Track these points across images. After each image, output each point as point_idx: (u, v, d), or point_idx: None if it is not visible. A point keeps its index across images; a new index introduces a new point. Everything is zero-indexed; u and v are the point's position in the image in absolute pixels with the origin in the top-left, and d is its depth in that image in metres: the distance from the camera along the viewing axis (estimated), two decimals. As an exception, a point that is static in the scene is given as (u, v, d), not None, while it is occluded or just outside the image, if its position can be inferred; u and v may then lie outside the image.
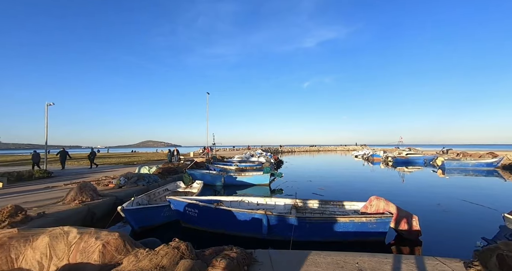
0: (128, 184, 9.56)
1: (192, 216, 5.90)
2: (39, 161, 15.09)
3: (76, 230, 3.14)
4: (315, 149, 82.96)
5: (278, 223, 5.09)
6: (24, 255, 2.75)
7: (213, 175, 13.42)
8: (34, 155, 14.99)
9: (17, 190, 9.07)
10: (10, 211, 4.72)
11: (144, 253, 3.09)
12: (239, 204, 6.80)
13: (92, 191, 7.39)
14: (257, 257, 3.28)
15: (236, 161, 22.70)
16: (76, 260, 2.84)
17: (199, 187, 9.64)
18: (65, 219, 5.61)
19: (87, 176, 12.73)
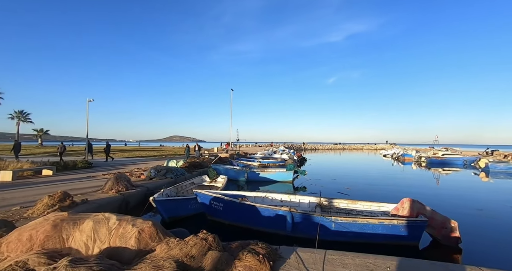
0: (158, 176, 10.12)
1: (217, 209, 6.08)
2: (63, 152, 17.07)
3: (115, 217, 3.41)
4: (339, 147, 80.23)
5: (302, 221, 5.04)
6: (73, 236, 3.06)
7: (236, 170, 13.65)
8: (61, 146, 17.11)
9: (64, 177, 10.10)
10: (60, 196, 5.29)
11: (175, 242, 3.26)
12: (262, 200, 6.84)
13: (126, 182, 7.95)
14: (282, 254, 3.29)
15: (259, 157, 22.84)
16: (116, 244, 3.09)
17: (224, 181, 9.88)
18: (104, 206, 6.12)
19: (121, 168, 13.73)
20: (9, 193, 7.02)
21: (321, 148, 75.14)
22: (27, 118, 42.49)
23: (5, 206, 5.56)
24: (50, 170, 10.81)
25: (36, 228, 3.02)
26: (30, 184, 8.57)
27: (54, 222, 3.11)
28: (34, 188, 7.98)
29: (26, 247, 2.90)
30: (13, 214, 4.92)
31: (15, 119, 41.46)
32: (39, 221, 3.18)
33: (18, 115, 41.56)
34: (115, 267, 2.68)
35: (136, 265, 2.79)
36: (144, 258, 2.94)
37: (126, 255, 3.03)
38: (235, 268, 2.80)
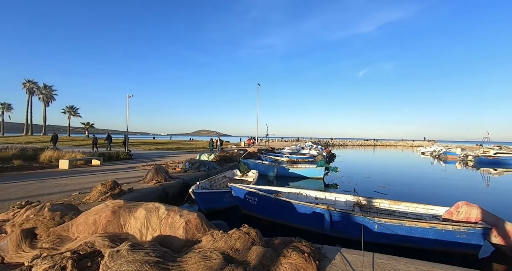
0: (192, 169, 10.57)
1: (251, 204, 6.15)
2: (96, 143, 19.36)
3: (164, 207, 3.61)
4: (370, 143, 76.05)
5: (341, 220, 4.87)
6: (129, 223, 3.32)
7: (266, 165, 13.70)
8: (94, 139, 19.63)
9: (110, 167, 11.07)
10: (110, 185, 5.79)
11: (219, 234, 3.36)
12: (297, 196, 6.76)
13: (164, 173, 8.43)
14: (326, 253, 3.20)
15: (287, 153, 22.63)
16: (166, 233, 3.28)
17: (255, 176, 9.97)
18: (147, 195, 6.58)
19: (157, 160, 14.63)
20: (68, 180, 7.89)
21: (350, 143, 71.95)
22: (76, 112, 47.47)
23: (67, 191, 6.27)
24: (98, 160, 11.93)
25: (98, 213, 3.33)
26: (83, 172, 9.55)
27: (113, 209, 3.40)
28: (86, 175, 8.88)
29: (91, 229, 3.22)
30: (74, 199, 5.52)
31: (66, 113, 46.56)
32: (101, 207, 3.50)
33: (69, 110, 46.60)
34: (168, 254, 2.84)
35: (186, 254, 2.92)
36: (192, 248, 3.08)
37: (175, 243, 3.20)
38: (280, 265, 2.79)
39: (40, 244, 3.16)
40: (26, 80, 44.31)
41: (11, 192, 6.04)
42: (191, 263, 2.79)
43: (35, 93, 45.10)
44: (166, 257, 2.80)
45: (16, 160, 10.31)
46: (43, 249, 3.07)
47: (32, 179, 7.78)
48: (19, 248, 3.07)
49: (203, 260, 2.83)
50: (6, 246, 3.07)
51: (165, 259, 2.79)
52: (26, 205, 4.04)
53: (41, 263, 2.72)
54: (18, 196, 5.69)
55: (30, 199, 4.91)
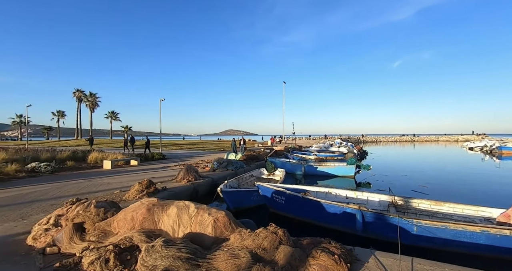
0: (220, 168, 10.86)
1: (279, 202, 6.11)
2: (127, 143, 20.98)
3: (193, 205, 3.76)
4: (407, 138, 70.44)
5: (375, 221, 4.58)
6: (162, 220, 3.52)
7: (293, 164, 13.51)
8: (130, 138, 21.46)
9: (146, 167, 11.91)
10: (146, 183, 6.22)
11: (247, 233, 3.38)
12: (325, 195, 6.54)
13: (195, 172, 8.79)
14: (358, 256, 3.04)
15: (315, 151, 22.05)
16: (196, 230, 3.41)
17: (282, 175, 9.89)
18: (179, 193, 6.92)
19: (188, 159, 15.32)
20: (110, 179, 8.68)
21: (384, 140, 67.44)
22: (116, 117, 52.21)
23: (110, 189, 6.90)
24: (136, 161, 12.91)
25: (135, 210, 3.59)
26: (123, 172, 10.42)
27: (148, 206, 3.64)
28: (126, 175, 9.66)
29: (130, 225, 3.49)
30: (115, 196, 6.04)
31: (108, 118, 51.37)
32: (137, 204, 3.77)
33: (111, 115, 51.38)
34: (198, 251, 2.95)
35: (215, 252, 3.01)
36: (221, 246, 3.15)
37: (205, 241, 3.31)
38: (309, 266, 2.72)
39: (88, 237, 3.52)
40: (76, 90, 49.77)
41: (66, 190, 6.83)
42: (220, 260, 2.86)
43: (83, 101, 50.47)
44: (196, 254, 2.92)
45: (69, 161, 11.65)
46: (90, 242, 3.40)
47: (81, 178, 8.72)
48: (71, 240, 3.45)
49: (231, 258, 2.88)
50: (61, 238, 3.47)
51: (196, 255, 2.90)
52: (76, 201, 4.52)
53: (89, 254, 3.01)
54: (70, 193, 6.41)
55: (80, 196, 5.50)
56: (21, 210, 4.94)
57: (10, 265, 2.89)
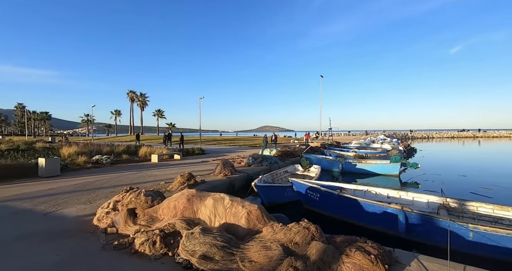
0: (255, 163, 11.09)
1: (313, 199, 6.01)
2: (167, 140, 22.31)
3: (228, 197, 3.96)
4: (467, 134, 61.36)
5: (420, 223, 4.19)
6: (200, 210, 3.80)
7: (329, 161, 13.03)
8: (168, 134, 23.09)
9: (187, 161, 12.83)
10: (187, 176, 6.73)
11: (279, 226, 3.44)
12: (364, 194, 6.20)
13: (231, 167, 9.15)
14: (398, 258, 2.84)
15: (354, 147, 20.84)
16: (231, 221, 3.60)
17: (317, 171, 9.65)
18: (216, 186, 7.31)
19: (225, 155, 15.99)
20: (157, 171, 9.62)
21: (438, 136, 59.89)
22: (162, 115, 57.27)
23: (156, 180, 7.66)
24: (178, 155, 14.00)
25: (177, 200, 3.95)
26: (167, 165, 11.42)
27: (188, 197, 3.97)
28: (170, 168, 10.57)
29: (172, 213, 3.86)
30: (161, 187, 6.70)
31: (155, 116, 56.65)
32: (178, 195, 4.14)
33: (157, 113, 56.53)
34: (232, 240, 3.12)
35: (248, 242, 3.14)
36: (254, 237, 3.27)
37: (239, 231, 3.47)
38: (342, 263, 2.66)
39: (139, 221, 4.00)
40: (129, 91, 55.92)
41: (121, 179, 7.82)
42: (252, 250, 2.98)
43: (135, 101, 56.47)
44: (230, 243, 3.09)
45: (124, 155, 13.24)
46: (141, 225, 3.87)
47: (134, 170, 9.85)
48: (126, 223, 3.97)
49: (263, 249, 2.98)
50: (118, 220, 4.02)
51: (230, 244, 3.08)
52: (129, 190, 5.16)
53: (140, 236, 3.43)
54: (125, 182, 7.32)
55: (133, 185, 6.23)
56: (89, 195, 5.85)
57: (82, 239, 3.48)
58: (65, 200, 5.38)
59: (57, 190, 6.32)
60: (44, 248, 3.16)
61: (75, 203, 5.17)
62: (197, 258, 2.79)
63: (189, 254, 2.90)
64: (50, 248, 3.16)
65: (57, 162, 8.71)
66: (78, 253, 3.05)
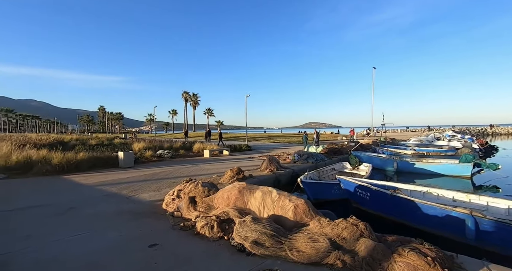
0: (301, 160, 11.08)
1: (363, 198, 5.79)
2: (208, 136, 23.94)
3: (275, 191, 4.20)
4: None
5: (494, 231, 3.67)
6: (250, 201, 4.14)
7: (382, 159, 12.07)
8: (207, 131, 24.99)
9: (235, 157, 13.62)
10: (236, 171, 7.25)
11: (326, 221, 3.52)
12: (423, 195, 5.65)
13: (276, 163, 9.39)
14: (463, 265, 2.62)
15: (413, 144, 18.70)
16: (278, 213, 3.83)
17: (367, 169, 9.11)
18: (263, 181, 7.65)
19: (270, 151, 16.33)
20: (209, 165, 10.54)
21: (531, 130, 48.34)
22: (212, 113, 61.63)
23: (209, 174, 8.46)
24: (227, 151, 14.96)
25: (230, 191, 4.37)
26: (217, 160, 12.37)
27: (238, 189, 4.36)
28: (220, 163, 11.43)
29: (226, 202, 4.31)
30: (213, 179, 7.38)
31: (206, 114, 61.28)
32: (230, 186, 4.57)
33: (207, 111, 61.06)
34: (281, 231, 3.35)
35: (296, 234, 3.32)
36: (301, 229, 3.43)
37: (286, 223, 3.68)
38: (394, 262, 2.61)
39: (198, 208, 4.58)
40: (183, 92, 61.64)
41: (180, 172, 8.89)
42: (300, 241, 3.15)
43: (188, 101, 62.02)
44: (279, 232, 3.32)
45: (181, 150, 14.85)
46: (200, 212, 4.43)
47: (189, 164, 11.00)
48: (188, 209, 4.60)
49: (310, 241, 3.12)
50: (182, 206, 4.68)
51: (279, 233, 3.31)
52: (189, 181, 5.89)
53: (200, 221, 3.95)
54: (184, 174, 8.30)
55: (190, 177, 7.05)
56: (157, 184, 6.88)
57: (155, 220, 4.21)
58: (140, 187, 6.47)
59: (133, 179, 7.61)
60: (131, 223, 3.96)
61: (147, 190, 6.17)
62: (250, 243, 3.10)
63: (242, 239, 3.24)
64: (135, 224, 3.94)
65: (131, 155, 10.39)
66: (154, 230, 3.72)
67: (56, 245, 3.16)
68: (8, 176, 7.83)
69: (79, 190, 6.29)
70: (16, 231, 3.58)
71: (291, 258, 2.90)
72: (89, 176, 8.08)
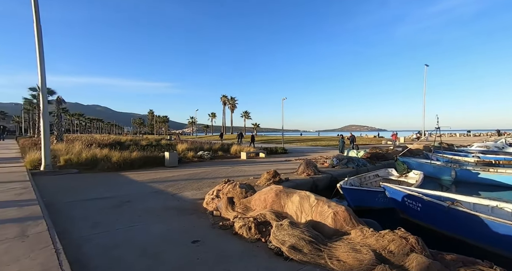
0: (340, 165, 10.56)
1: (413, 209, 5.24)
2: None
3: (313, 196, 4.09)
4: None
5: None
6: (287, 205, 4.11)
7: (437, 166, 10.76)
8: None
9: (271, 160, 13.66)
10: (272, 173, 7.27)
11: (369, 231, 3.29)
12: (490, 210, 4.86)
13: (314, 167, 9.12)
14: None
15: (476, 151, 16.22)
16: (317, 219, 3.72)
17: (418, 177, 8.23)
18: (299, 185, 7.50)
19: (307, 155, 15.93)
20: (246, 167, 10.79)
21: None
22: (248, 116, 63.27)
23: (246, 175, 8.66)
24: (263, 153, 15.10)
25: (267, 194, 4.41)
26: (254, 162, 12.56)
27: (275, 192, 4.37)
28: (256, 165, 11.59)
29: (263, 205, 4.35)
30: (250, 181, 7.52)
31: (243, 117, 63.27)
32: (267, 189, 4.61)
33: (244, 114, 62.85)
34: (319, 237, 3.25)
35: (336, 242, 3.18)
36: (342, 238, 3.27)
37: (325, 230, 3.55)
38: (453, 285, 2.30)
39: (236, 208, 4.72)
40: (222, 95, 64.62)
41: (219, 172, 9.29)
42: (340, 250, 3.01)
43: (226, 104, 64.74)
44: (318, 239, 3.22)
45: (219, 151, 15.52)
46: (238, 212, 4.56)
47: (227, 165, 11.42)
48: (227, 209, 4.78)
49: (352, 251, 2.95)
50: (221, 206, 4.89)
51: (317, 240, 3.21)
52: (227, 182, 6.12)
53: (238, 221, 4.07)
54: (222, 175, 8.65)
55: (228, 178, 7.32)
56: (198, 183, 7.32)
57: (197, 217, 4.48)
58: (183, 186, 6.96)
59: (177, 177, 8.23)
60: (176, 219, 4.30)
61: (190, 189, 6.61)
62: (287, 248, 3.07)
63: (279, 242, 3.23)
64: (179, 220, 4.26)
65: (175, 156, 11.26)
66: (196, 227, 3.97)
67: (118, 233, 3.61)
68: (80, 171, 9.22)
69: (133, 185, 7.06)
70: (87, 218, 4.20)
71: (331, 267, 2.78)
72: (140, 173, 9.01)
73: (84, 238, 3.39)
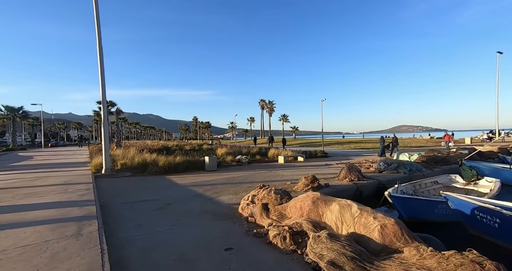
0: (388, 170, 9.48)
1: (487, 224, 4.29)
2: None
3: (356, 205, 3.65)
4: None
5: None
6: (326, 214, 3.77)
7: (518, 172, 8.77)
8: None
9: (310, 164, 13.08)
10: (311, 179, 6.88)
11: (428, 251, 2.76)
12: None
13: (357, 172, 8.36)
14: None
15: None
16: (360, 232, 3.30)
17: (492, 186, 6.81)
18: (341, 191, 6.93)
19: (350, 158, 14.81)
20: (283, 171, 10.52)
21: None
22: (287, 119, 62.86)
23: (283, 180, 8.41)
24: (302, 157, 14.57)
25: (303, 201, 4.13)
26: (292, 166, 12.19)
27: (312, 199, 4.05)
28: (294, 169, 11.21)
29: (298, 213, 4.08)
30: (287, 186, 7.26)
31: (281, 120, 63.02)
32: (304, 196, 4.32)
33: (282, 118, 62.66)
34: (364, 254, 2.85)
35: (384, 261, 2.74)
36: (392, 257, 2.81)
37: (370, 245, 3.11)
38: None
39: (271, 215, 4.54)
40: (260, 100, 65.72)
41: (256, 177, 9.24)
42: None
43: (264, 108, 65.52)
44: (362, 256, 2.83)
45: (257, 155, 15.57)
46: (273, 220, 4.37)
47: (264, 169, 11.32)
48: (261, 215, 4.64)
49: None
50: (255, 212, 4.78)
51: (361, 257, 2.82)
52: (263, 187, 5.99)
53: (272, 229, 3.89)
54: (259, 179, 8.58)
55: (264, 183, 7.20)
56: (235, 187, 7.37)
57: (232, 222, 4.45)
58: (221, 190, 7.09)
59: (215, 181, 8.46)
60: (212, 223, 4.34)
61: (226, 193, 6.69)
62: (326, 263, 2.77)
63: (317, 256, 2.94)
64: (214, 224, 4.29)
65: (215, 160, 11.66)
66: (230, 232, 3.92)
67: (159, 235, 3.79)
68: (133, 174, 10.25)
69: (175, 188, 7.50)
70: (133, 220, 4.55)
71: (379, 291, 2.39)
72: (183, 177, 9.55)
73: (128, 239, 3.65)
